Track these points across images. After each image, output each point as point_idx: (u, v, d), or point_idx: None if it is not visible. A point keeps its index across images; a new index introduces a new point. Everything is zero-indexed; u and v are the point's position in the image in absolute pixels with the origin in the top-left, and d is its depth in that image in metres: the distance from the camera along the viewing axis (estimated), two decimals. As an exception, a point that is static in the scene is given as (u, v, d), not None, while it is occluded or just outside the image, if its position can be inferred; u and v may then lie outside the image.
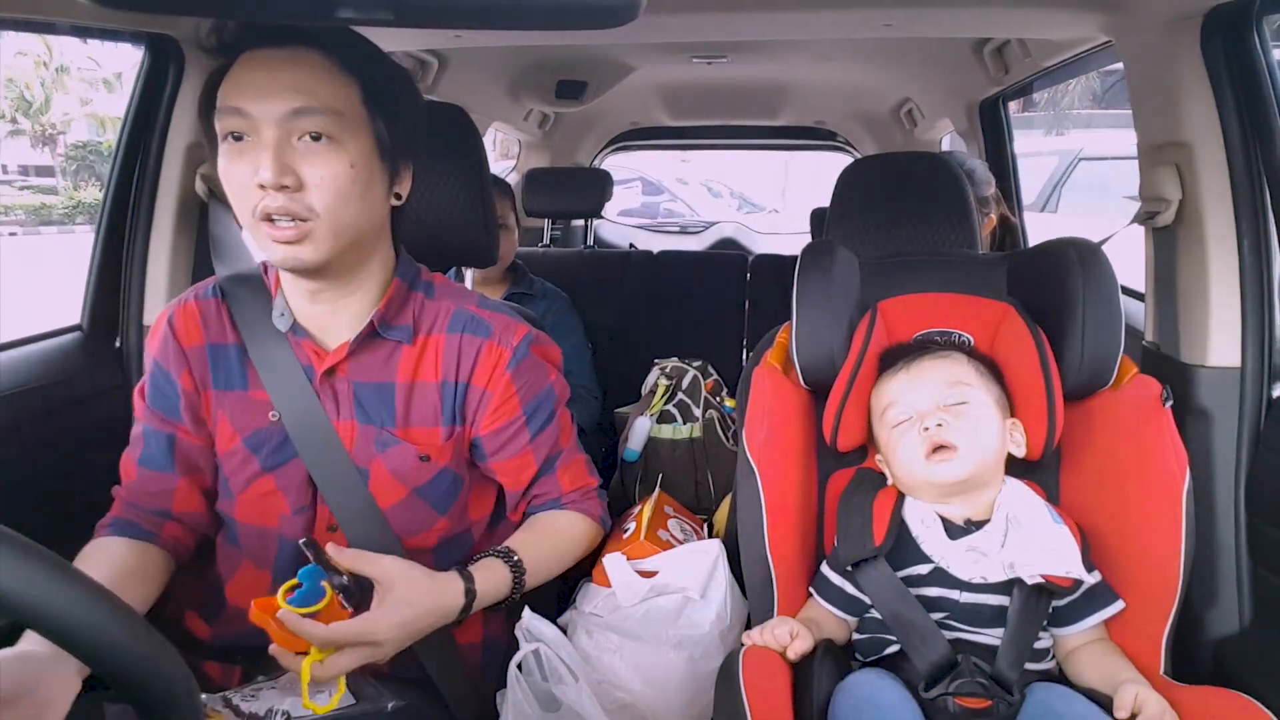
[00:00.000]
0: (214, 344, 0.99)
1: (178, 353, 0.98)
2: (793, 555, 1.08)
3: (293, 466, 0.98)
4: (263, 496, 0.98)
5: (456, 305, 1.01)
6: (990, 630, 0.96)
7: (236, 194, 0.87)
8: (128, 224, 1.37)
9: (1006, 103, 2.28)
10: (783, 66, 2.55)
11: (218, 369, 0.99)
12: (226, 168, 0.87)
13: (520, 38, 1.74)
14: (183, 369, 0.99)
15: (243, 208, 0.87)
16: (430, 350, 0.99)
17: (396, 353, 0.98)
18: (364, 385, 0.97)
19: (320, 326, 0.97)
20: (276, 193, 0.84)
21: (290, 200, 0.84)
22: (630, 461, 2.17)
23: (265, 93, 0.84)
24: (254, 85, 0.85)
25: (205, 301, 1.01)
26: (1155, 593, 0.98)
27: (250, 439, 0.98)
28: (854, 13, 1.31)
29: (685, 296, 2.58)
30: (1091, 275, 1.06)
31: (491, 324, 1.01)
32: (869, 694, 0.90)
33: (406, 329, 0.98)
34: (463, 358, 0.99)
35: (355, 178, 0.88)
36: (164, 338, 0.99)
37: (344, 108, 0.87)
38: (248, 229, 0.90)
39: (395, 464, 0.97)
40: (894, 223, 1.29)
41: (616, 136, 3.75)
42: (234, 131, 0.86)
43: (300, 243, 0.86)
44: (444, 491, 1.01)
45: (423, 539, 1.01)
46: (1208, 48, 1.11)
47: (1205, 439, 1.13)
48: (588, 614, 1.35)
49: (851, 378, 1.10)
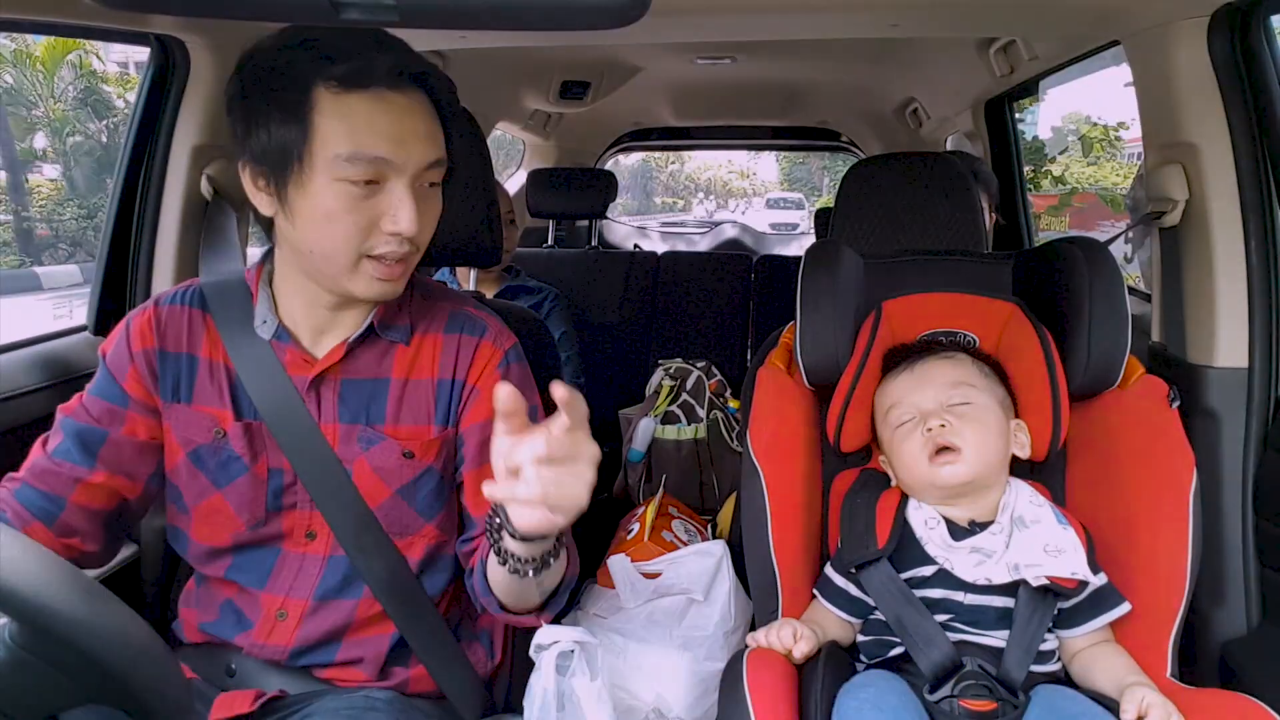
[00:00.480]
0: (164, 351, 0.96)
1: (124, 356, 0.95)
2: (797, 556, 1.08)
3: (240, 484, 0.95)
4: (210, 513, 0.96)
5: (453, 306, 1.01)
6: (995, 632, 0.96)
7: (345, 235, 0.85)
8: (134, 224, 1.38)
9: (1012, 102, 2.28)
10: (788, 67, 2.55)
11: (165, 377, 0.95)
12: (342, 208, 0.83)
13: (525, 38, 1.74)
14: (127, 370, 0.95)
15: (344, 247, 0.85)
16: (427, 349, 0.98)
17: (391, 351, 0.97)
18: (353, 383, 0.96)
19: (317, 329, 0.96)
20: (405, 239, 0.86)
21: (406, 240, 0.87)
22: (634, 462, 2.17)
23: (405, 143, 0.84)
24: (393, 135, 0.83)
25: (167, 309, 0.97)
26: (1162, 594, 0.98)
27: (193, 453, 0.95)
28: (860, 13, 1.31)
29: (689, 297, 2.58)
30: (1098, 275, 1.05)
31: (487, 324, 1.01)
32: (873, 696, 0.90)
33: (404, 329, 0.98)
34: (460, 356, 0.98)
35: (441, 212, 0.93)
36: (117, 340, 0.96)
37: (445, 153, 0.90)
38: (337, 263, 0.87)
39: (378, 461, 0.95)
40: (899, 222, 1.29)
41: (621, 137, 3.75)
42: (368, 179, 0.83)
43: (400, 279, 0.90)
44: (428, 494, 0.98)
45: (408, 546, 0.97)
46: (1214, 47, 1.10)
47: (1212, 440, 1.13)
48: (592, 615, 1.35)
49: (855, 378, 1.10)
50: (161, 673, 0.56)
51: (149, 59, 1.34)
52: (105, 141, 10.18)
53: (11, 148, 9.99)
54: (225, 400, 0.95)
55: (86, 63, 9.91)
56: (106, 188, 2.67)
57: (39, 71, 9.51)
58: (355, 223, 0.84)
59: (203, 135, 1.34)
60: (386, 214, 0.84)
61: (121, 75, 10.62)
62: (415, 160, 0.85)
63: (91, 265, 1.45)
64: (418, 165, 0.85)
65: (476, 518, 0.99)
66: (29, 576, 0.51)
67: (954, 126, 2.57)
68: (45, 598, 0.51)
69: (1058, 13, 1.30)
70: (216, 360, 0.96)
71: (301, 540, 0.96)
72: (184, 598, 1.04)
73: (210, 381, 0.96)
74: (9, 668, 0.52)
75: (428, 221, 0.89)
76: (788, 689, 0.94)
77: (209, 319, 0.97)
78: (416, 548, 0.98)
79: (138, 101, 1.36)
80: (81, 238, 9.74)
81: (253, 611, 0.96)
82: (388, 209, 0.84)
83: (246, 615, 0.97)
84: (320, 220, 0.85)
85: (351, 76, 0.82)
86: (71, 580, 0.54)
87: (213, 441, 0.95)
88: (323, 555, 0.96)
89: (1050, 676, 0.97)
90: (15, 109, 9.81)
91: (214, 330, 0.96)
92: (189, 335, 0.96)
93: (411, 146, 0.84)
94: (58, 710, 0.57)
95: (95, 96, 10.05)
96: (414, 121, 0.85)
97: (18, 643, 0.52)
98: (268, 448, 0.95)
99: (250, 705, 0.91)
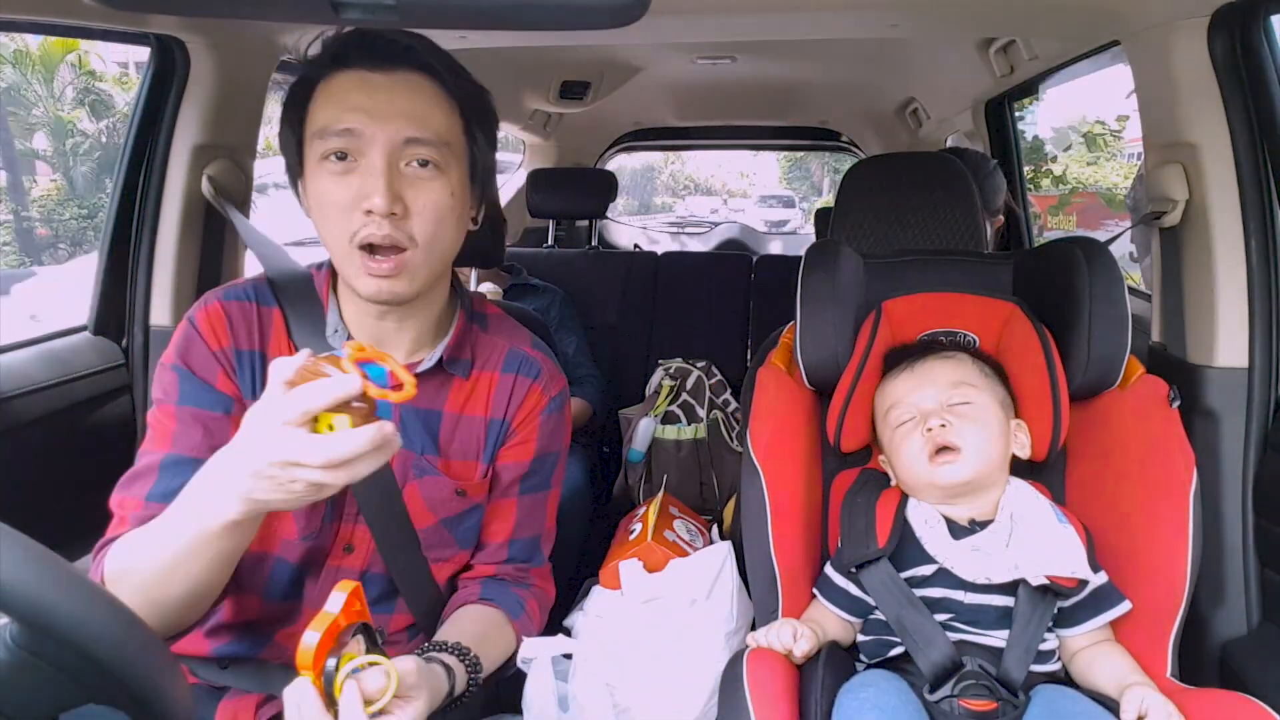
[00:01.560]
0: (238, 349, 0.92)
1: (207, 356, 0.90)
2: (797, 556, 1.08)
3: None
4: (270, 519, 0.91)
5: (510, 344, 1.01)
6: (995, 632, 0.96)
7: (334, 217, 0.84)
8: (134, 224, 1.38)
9: (1012, 102, 2.28)
10: (788, 67, 2.55)
11: (243, 374, 0.92)
12: (326, 189, 0.84)
13: (525, 38, 1.74)
14: (217, 372, 0.90)
15: (338, 233, 0.85)
16: (483, 386, 0.99)
17: (449, 384, 0.97)
18: (410, 409, 0.96)
19: (379, 343, 0.94)
20: (383, 219, 0.82)
21: (394, 228, 0.83)
22: (634, 462, 2.17)
23: (379, 116, 0.83)
24: (365, 107, 0.83)
25: (235, 304, 0.94)
26: (1162, 594, 0.98)
27: None
28: (860, 13, 1.31)
29: (689, 297, 2.58)
30: (1098, 275, 1.05)
31: (542, 367, 1.01)
32: (873, 696, 0.90)
33: (465, 363, 0.98)
34: (513, 397, 0.99)
35: (454, 206, 0.88)
36: (190, 342, 0.91)
37: (451, 137, 0.87)
38: (338, 256, 0.87)
39: (429, 491, 0.96)
40: (899, 222, 1.29)
41: (621, 137, 3.75)
42: (339, 151, 0.83)
43: (396, 276, 0.85)
44: (470, 527, 1.01)
45: (439, 569, 0.99)
46: (1214, 47, 1.10)
47: (1212, 440, 1.13)
48: (594, 615, 1.35)
49: (855, 378, 1.10)
50: (162, 674, 0.56)
51: (149, 59, 1.34)
52: (105, 141, 10.19)
53: (11, 148, 10.00)
54: None
55: (86, 62, 9.91)
56: (106, 188, 2.67)
57: (38, 72, 9.51)
58: (337, 203, 0.84)
59: (203, 135, 1.34)
60: (363, 193, 0.83)
61: (122, 76, 10.63)
62: (387, 133, 0.82)
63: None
64: (391, 139, 0.83)
65: (484, 542, 1.02)
66: (29, 576, 0.51)
67: (954, 126, 2.58)
68: (45, 598, 0.51)
69: (1058, 13, 1.30)
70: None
71: (340, 554, 0.96)
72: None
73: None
74: (9, 668, 0.52)
75: (420, 207, 0.85)
76: (788, 689, 0.94)
77: (276, 316, 0.95)
78: (446, 570, 1.00)
79: (137, 101, 1.36)
80: (81, 238, 9.75)
81: (280, 622, 0.95)
82: (364, 187, 0.83)
83: (271, 627, 0.95)
84: (317, 206, 0.86)
85: (338, 58, 0.85)
86: (71, 580, 0.54)
87: None
88: (358, 569, 0.95)
89: (1050, 676, 0.97)
90: (15, 110, 9.82)
91: (280, 329, 0.94)
92: (260, 333, 0.94)
93: (386, 120, 0.83)
94: (58, 710, 0.57)
95: (95, 97, 10.06)
96: (395, 97, 0.84)
97: (18, 643, 0.52)
98: None
99: (253, 716, 0.91)
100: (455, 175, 0.88)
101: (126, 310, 1.40)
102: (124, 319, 1.41)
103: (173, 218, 1.37)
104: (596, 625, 1.33)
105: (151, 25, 1.25)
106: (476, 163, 0.91)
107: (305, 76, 0.87)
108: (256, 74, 1.42)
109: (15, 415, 1.18)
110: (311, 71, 0.87)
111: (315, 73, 0.86)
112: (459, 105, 0.89)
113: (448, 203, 0.87)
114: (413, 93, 0.85)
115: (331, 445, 0.65)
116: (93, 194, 9.91)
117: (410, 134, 0.84)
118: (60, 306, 3.74)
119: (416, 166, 0.85)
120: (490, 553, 1.03)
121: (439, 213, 0.86)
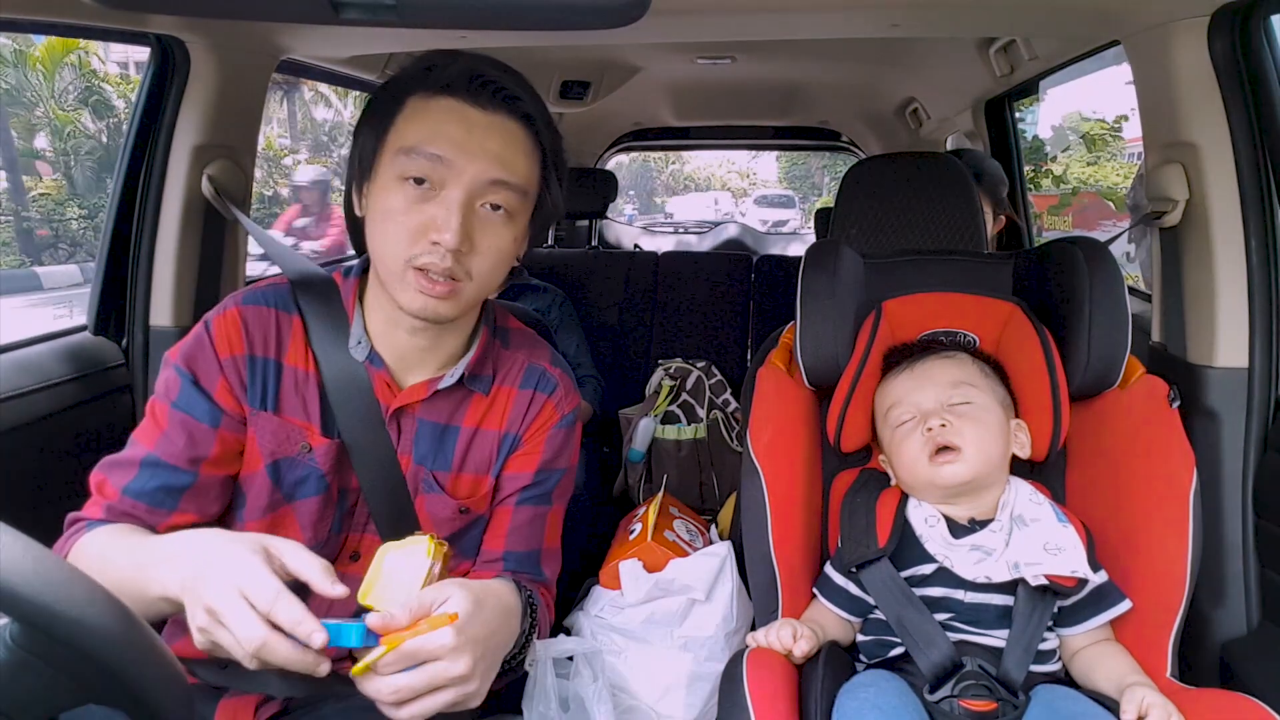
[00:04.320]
0: (252, 356, 0.92)
1: (212, 365, 0.90)
2: (797, 556, 1.08)
3: (313, 502, 0.93)
4: (275, 527, 0.93)
5: (530, 359, 1.02)
6: (995, 631, 0.96)
7: (397, 236, 0.85)
8: (134, 224, 1.38)
9: (1012, 102, 2.28)
10: (788, 67, 2.55)
11: (254, 383, 0.92)
12: (397, 207, 0.85)
13: (525, 38, 1.74)
14: (217, 382, 0.90)
15: (397, 252, 0.85)
16: (500, 401, 0.99)
17: (469, 399, 0.98)
18: (428, 424, 0.96)
19: (403, 358, 0.95)
20: (447, 252, 0.83)
21: (455, 261, 0.84)
22: (634, 462, 2.17)
23: (469, 152, 0.83)
24: (458, 140, 0.84)
25: (252, 310, 0.93)
26: (1162, 594, 0.98)
27: (274, 464, 0.92)
28: (860, 13, 1.31)
29: (689, 297, 2.58)
30: (1098, 275, 1.05)
31: (558, 383, 1.02)
32: (873, 696, 0.90)
33: (486, 380, 0.98)
34: (529, 412, 1.00)
35: (514, 250, 0.90)
36: (199, 346, 0.91)
37: (529, 185, 0.89)
38: (389, 269, 0.87)
39: (433, 509, 0.97)
40: (899, 222, 1.29)
41: (621, 137, 3.75)
42: (419, 176, 0.84)
43: (445, 299, 0.86)
44: (472, 539, 1.01)
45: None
46: (1214, 47, 1.10)
47: (1212, 440, 1.13)
48: (594, 616, 1.35)
49: (855, 378, 1.10)
50: (162, 674, 0.56)
51: (149, 59, 1.34)
52: (105, 141, 10.19)
53: (11, 148, 10.00)
54: (311, 414, 0.93)
55: (86, 62, 9.92)
56: (106, 188, 2.67)
57: (38, 72, 9.51)
58: (405, 224, 0.84)
59: (203, 135, 1.34)
60: (435, 222, 0.84)
61: (122, 75, 10.63)
62: (474, 171, 0.84)
63: (91, 265, 1.45)
64: (476, 177, 0.84)
65: (481, 549, 1.02)
66: (29, 576, 0.51)
67: (954, 126, 2.57)
68: (46, 598, 0.51)
69: (1058, 13, 1.30)
70: (303, 370, 0.93)
71: (345, 561, 0.96)
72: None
73: (295, 392, 0.93)
74: (9, 668, 0.52)
75: (484, 247, 0.86)
76: (788, 689, 0.94)
77: (295, 324, 0.94)
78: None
79: (138, 101, 1.36)
80: (81, 238, 9.75)
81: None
82: (437, 217, 0.84)
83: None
84: (380, 218, 0.86)
85: (437, 80, 0.85)
86: (72, 580, 0.53)
87: (297, 455, 0.93)
88: (363, 577, 0.95)
89: (1050, 676, 0.97)
90: (15, 109, 9.82)
91: (299, 337, 0.94)
92: (276, 341, 0.93)
93: (475, 157, 0.84)
94: (58, 710, 0.57)
95: (95, 97, 10.06)
96: (487, 137, 0.85)
97: (18, 643, 0.52)
98: (346, 468, 0.94)
99: (252, 716, 0.91)
100: (521, 222, 0.90)
101: (126, 310, 1.40)
102: (124, 319, 1.41)
103: (173, 218, 1.36)
104: (596, 625, 1.33)
105: (151, 25, 1.25)
106: (544, 207, 0.93)
107: (401, 89, 0.87)
108: (256, 74, 1.42)
109: (15, 415, 1.18)
110: (411, 85, 0.87)
111: (413, 88, 0.86)
112: (542, 154, 0.90)
113: (510, 248, 0.90)
114: (506, 137, 0.86)
115: (263, 642, 0.67)
116: (93, 194, 9.92)
117: (495, 176, 0.85)
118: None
119: (489, 210, 0.86)
120: (487, 560, 1.02)
121: (500, 256, 0.89)
